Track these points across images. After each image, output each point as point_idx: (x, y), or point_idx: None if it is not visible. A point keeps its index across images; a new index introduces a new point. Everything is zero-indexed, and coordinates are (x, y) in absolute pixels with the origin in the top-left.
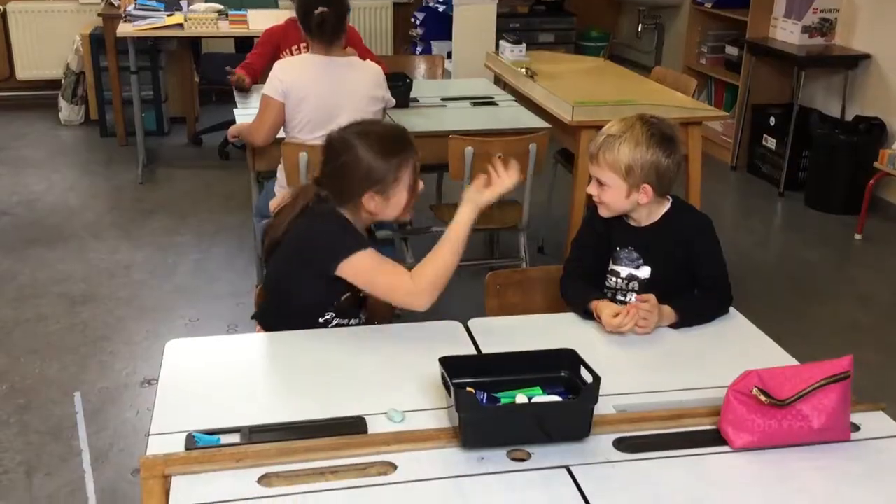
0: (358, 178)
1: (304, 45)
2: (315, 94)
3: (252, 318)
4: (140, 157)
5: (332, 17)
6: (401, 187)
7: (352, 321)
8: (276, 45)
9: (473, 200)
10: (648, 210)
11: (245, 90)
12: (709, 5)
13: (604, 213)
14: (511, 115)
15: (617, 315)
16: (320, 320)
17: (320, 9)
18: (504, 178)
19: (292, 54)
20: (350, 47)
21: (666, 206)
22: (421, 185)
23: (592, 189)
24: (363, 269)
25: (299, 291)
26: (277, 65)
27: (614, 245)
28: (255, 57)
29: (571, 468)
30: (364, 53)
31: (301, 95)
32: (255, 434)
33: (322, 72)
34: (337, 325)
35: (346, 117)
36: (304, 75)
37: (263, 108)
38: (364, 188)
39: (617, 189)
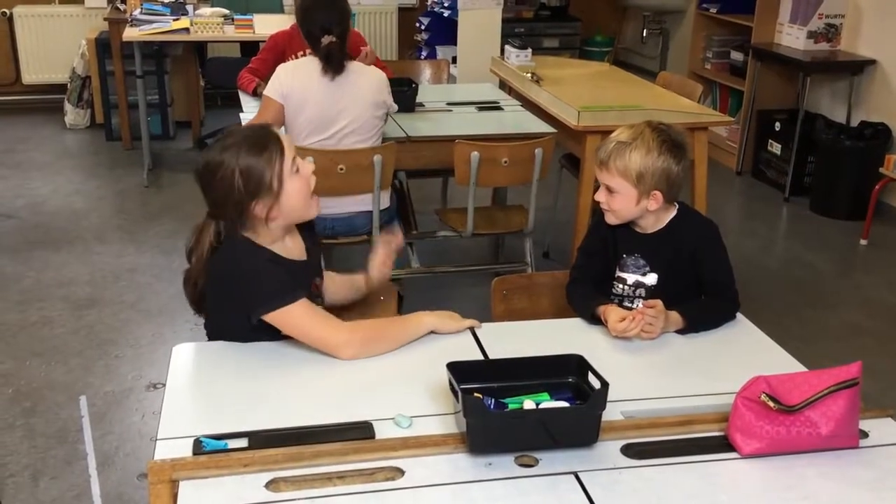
0: (232, 199)
1: (310, 50)
2: (316, 98)
3: None
4: (145, 160)
5: (339, 46)
6: (281, 177)
7: None
8: (282, 51)
9: (440, 324)
10: (656, 217)
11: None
12: (714, 10)
13: (611, 220)
14: (516, 119)
15: (623, 320)
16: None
17: (327, 38)
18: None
19: None
20: (364, 47)
21: (672, 213)
22: (309, 166)
23: (601, 196)
24: (291, 321)
25: (247, 333)
26: (280, 67)
27: (621, 252)
28: (260, 62)
29: (579, 474)
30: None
31: (302, 99)
32: (263, 439)
33: (325, 76)
34: None
35: (347, 122)
36: (306, 79)
37: (263, 108)
38: (243, 206)
39: (627, 196)
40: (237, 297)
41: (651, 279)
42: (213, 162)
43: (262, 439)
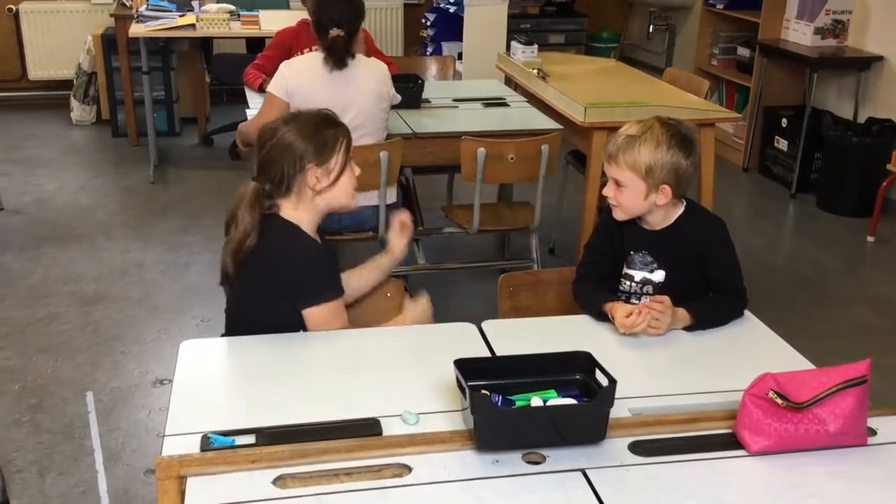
0: (290, 157)
1: (316, 48)
2: (321, 94)
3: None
4: (151, 157)
5: (343, 42)
6: (339, 162)
7: None
8: (288, 47)
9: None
10: (664, 213)
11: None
12: (720, 6)
13: (619, 216)
14: (522, 116)
15: (630, 315)
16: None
17: (334, 31)
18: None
19: None
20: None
21: (680, 210)
22: (357, 169)
23: (609, 191)
24: (322, 318)
25: (269, 314)
26: (284, 64)
27: (628, 249)
28: (266, 59)
29: (587, 471)
30: (375, 55)
31: (306, 95)
32: (270, 435)
33: (329, 71)
34: None
35: (353, 115)
36: (310, 75)
37: (266, 105)
38: (301, 165)
39: (635, 190)
40: (284, 284)
41: (658, 276)
42: (273, 130)
43: (269, 436)
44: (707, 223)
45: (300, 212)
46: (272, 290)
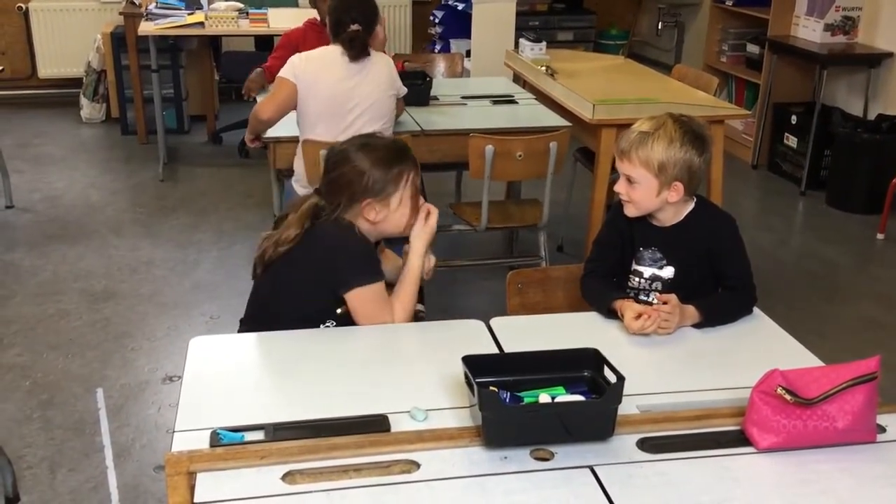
0: (355, 186)
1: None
2: (328, 82)
3: (240, 329)
4: (161, 154)
5: (363, 36)
6: (401, 198)
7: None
8: (295, 47)
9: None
10: (675, 210)
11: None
12: (730, 3)
13: (631, 212)
14: (531, 113)
15: (638, 317)
16: (322, 326)
17: (354, 27)
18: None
19: None
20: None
21: (690, 206)
22: (432, 209)
23: (621, 187)
24: (367, 300)
25: (300, 301)
26: (296, 55)
27: (637, 245)
28: (275, 60)
29: (595, 468)
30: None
31: (313, 79)
32: (279, 431)
33: (340, 63)
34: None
35: (363, 109)
36: (319, 64)
37: (276, 88)
38: (362, 196)
39: (647, 186)
40: (328, 271)
41: (668, 272)
42: (346, 154)
43: (278, 432)
44: (717, 220)
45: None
46: (314, 277)
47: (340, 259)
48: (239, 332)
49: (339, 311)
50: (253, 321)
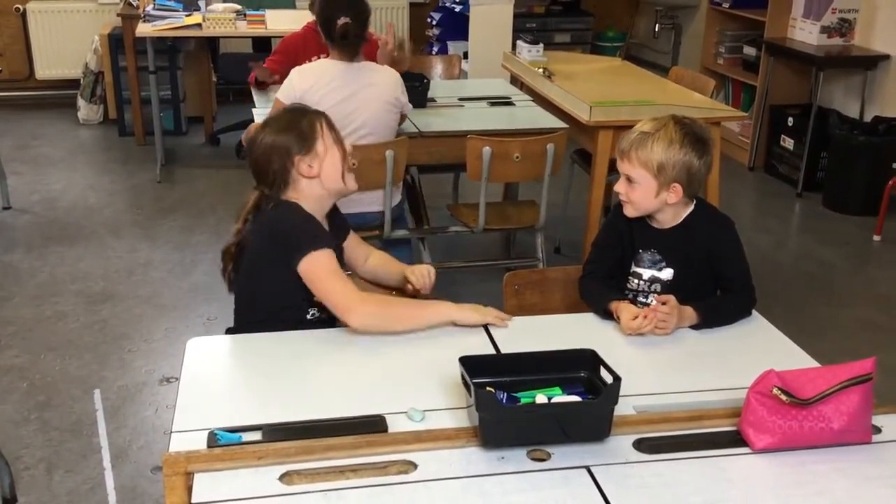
0: (277, 155)
1: (324, 55)
2: (330, 100)
3: (227, 332)
4: (158, 156)
5: (354, 27)
6: (325, 143)
7: None
8: (295, 54)
9: (460, 315)
10: (674, 211)
11: (266, 85)
12: (726, 5)
13: (630, 212)
14: (528, 115)
15: (636, 318)
16: (307, 317)
17: (343, 19)
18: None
19: None
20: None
21: (690, 208)
22: (348, 146)
23: (620, 187)
24: (320, 267)
25: (273, 290)
26: (294, 70)
27: (637, 247)
28: (273, 63)
29: (591, 468)
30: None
31: (314, 101)
32: (277, 432)
33: (339, 77)
34: (321, 319)
35: (362, 122)
36: (319, 81)
37: (274, 111)
38: (290, 158)
39: (646, 187)
40: (279, 249)
41: (667, 274)
42: (253, 138)
43: (275, 432)
44: (716, 222)
45: (301, 201)
46: (271, 264)
47: (284, 235)
48: None
49: (315, 296)
50: (239, 329)
